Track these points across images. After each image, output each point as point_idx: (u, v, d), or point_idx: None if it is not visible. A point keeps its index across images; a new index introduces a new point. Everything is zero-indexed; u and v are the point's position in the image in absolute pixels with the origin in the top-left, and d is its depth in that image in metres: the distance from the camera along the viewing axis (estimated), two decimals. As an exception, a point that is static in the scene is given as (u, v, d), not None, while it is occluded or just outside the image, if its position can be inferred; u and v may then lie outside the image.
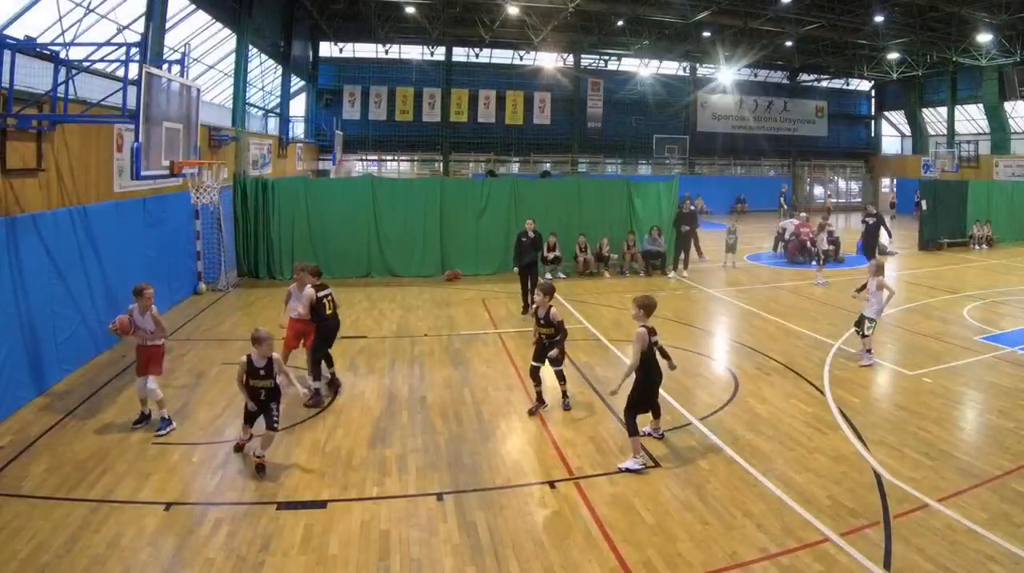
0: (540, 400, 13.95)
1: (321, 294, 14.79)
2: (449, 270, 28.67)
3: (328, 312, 14.84)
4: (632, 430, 11.45)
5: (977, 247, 39.41)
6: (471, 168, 63.41)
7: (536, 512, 10.10)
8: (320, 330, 14.82)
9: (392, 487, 10.77)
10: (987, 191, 42.43)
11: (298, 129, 51.84)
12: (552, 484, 10.90)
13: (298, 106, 54.80)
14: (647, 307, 12.00)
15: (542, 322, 13.79)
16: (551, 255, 28.02)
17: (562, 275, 28.88)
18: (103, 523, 9.56)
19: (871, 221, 32.05)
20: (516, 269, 23.21)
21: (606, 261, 29.57)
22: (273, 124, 46.12)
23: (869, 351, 17.27)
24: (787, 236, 35.22)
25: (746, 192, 63.59)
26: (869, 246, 31.72)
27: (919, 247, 38.44)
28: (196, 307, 23.08)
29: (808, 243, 33.62)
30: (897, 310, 23.17)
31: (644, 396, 11.70)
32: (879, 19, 47.15)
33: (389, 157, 61.85)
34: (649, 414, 12.19)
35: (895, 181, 70.92)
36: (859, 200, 73.85)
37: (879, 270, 17.55)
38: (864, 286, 17.74)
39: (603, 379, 15.97)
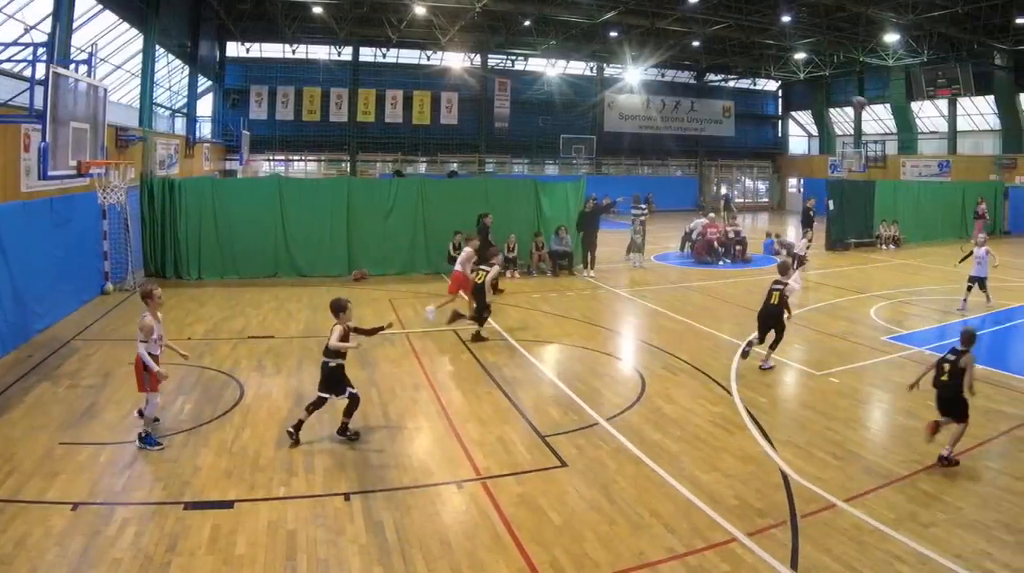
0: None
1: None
2: (356, 270, 28.51)
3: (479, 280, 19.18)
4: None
5: (884, 247, 40.15)
6: (378, 168, 63.36)
7: (443, 512, 10.06)
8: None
9: (299, 487, 10.67)
10: (894, 191, 43.25)
11: (205, 129, 51.58)
12: (459, 484, 10.87)
13: (205, 106, 54.48)
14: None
15: None
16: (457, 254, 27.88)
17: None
18: (10, 523, 9.37)
19: (812, 213, 34.43)
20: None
21: (513, 261, 29.58)
22: (180, 124, 45.82)
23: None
24: (694, 236, 35.54)
25: (653, 192, 64.05)
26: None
27: (826, 247, 39.01)
28: (103, 307, 22.70)
29: (715, 243, 34.04)
30: (805, 310, 23.49)
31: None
32: (786, 19, 47.94)
33: (296, 157, 61.61)
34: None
35: (802, 181, 72.12)
36: (766, 200, 75.04)
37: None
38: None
39: (511, 379, 16.02)
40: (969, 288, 23.96)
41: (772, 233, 39.15)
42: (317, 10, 48.96)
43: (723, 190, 70.98)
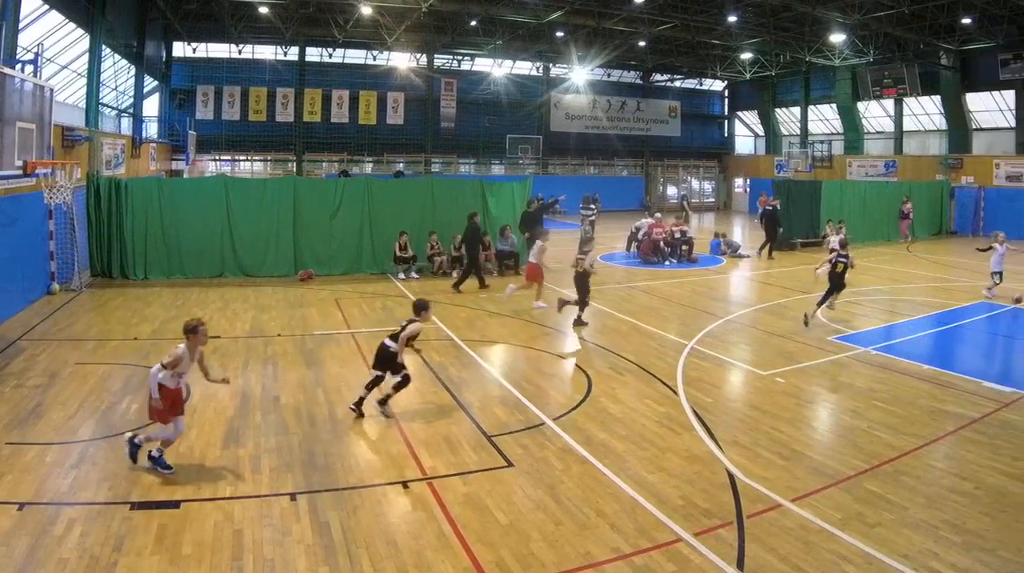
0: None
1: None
2: (303, 270, 28.51)
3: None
4: None
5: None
6: (324, 168, 63.06)
7: (389, 512, 10.03)
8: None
9: (245, 487, 10.62)
10: (840, 191, 43.60)
11: (151, 129, 51.18)
12: (405, 484, 10.83)
13: (151, 106, 54.02)
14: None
15: None
16: (404, 255, 28.34)
17: (415, 275, 28.97)
18: (-43, 523, 9.31)
19: (771, 208, 34.63)
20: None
21: (460, 261, 29.45)
22: (126, 124, 45.44)
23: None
24: (640, 236, 35.64)
25: (600, 192, 64.14)
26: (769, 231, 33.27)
27: (758, 251, 39.14)
28: (50, 307, 22.52)
29: (662, 243, 34.18)
30: (750, 310, 23.73)
31: None
32: (732, 19, 48.23)
33: (242, 157, 60.97)
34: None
35: (748, 181, 72.59)
36: (712, 200, 75.48)
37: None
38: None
39: (457, 380, 16.03)
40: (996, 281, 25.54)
41: (719, 233, 39.41)
42: (263, 10, 48.73)
43: (682, 190, 71.47)
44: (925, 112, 58.88)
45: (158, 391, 10.96)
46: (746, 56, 62.53)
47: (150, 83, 51.77)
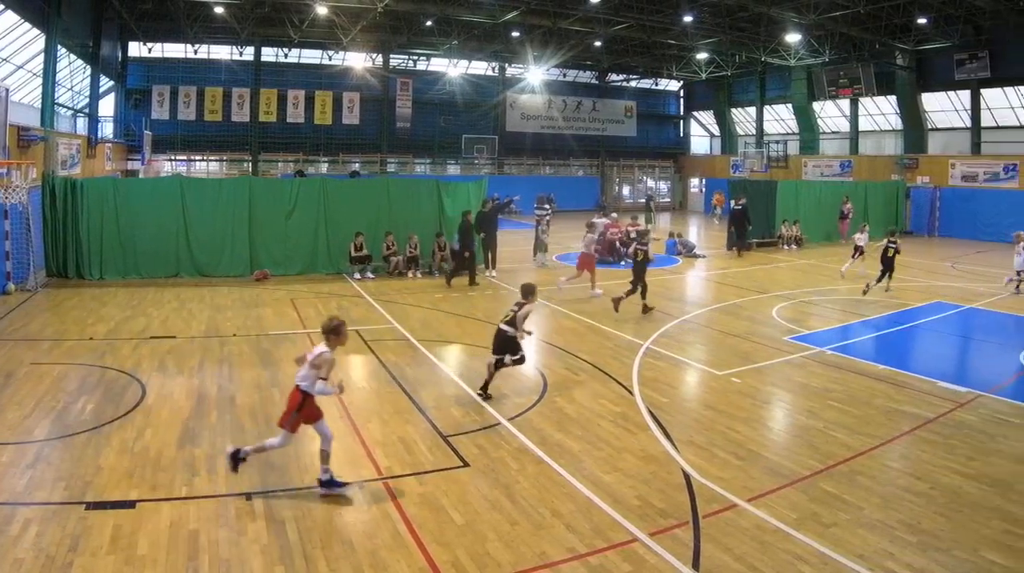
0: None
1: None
2: (258, 270, 28.53)
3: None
4: None
5: (786, 247, 40.75)
6: (280, 168, 63.01)
7: (345, 512, 10.00)
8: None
9: (201, 487, 10.59)
10: (796, 191, 43.86)
11: (107, 129, 51.19)
12: (361, 484, 10.81)
13: (107, 106, 53.82)
14: None
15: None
16: (359, 255, 28.40)
17: (371, 275, 28.97)
18: (-87, 523, 9.24)
19: (740, 207, 35.45)
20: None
21: (416, 261, 29.65)
22: (82, 124, 45.35)
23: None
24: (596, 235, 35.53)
25: (556, 192, 64.24)
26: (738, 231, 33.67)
27: (728, 247, 39.58)
28: (5, 307, 22.38)
29: (617, 243, 34.26)
30: (706, 310, 23.89)
31: None
32: (688, 19, 48.61)
33: (198, 157, 60.97)
34: None
35: (703, 181, 73.00)
36: (668, 200, 75.87)
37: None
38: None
39: (412, 379, 16.01)
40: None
41: (674, 233, 39.56)
42: (219, 10, 48.69)
43: (647, 190, 71.87)
44: (881, 112, 59.49)
45: (301, 399, 10.48)
46: (702, 56, 63.07)
47: (106, 83, 51.58)
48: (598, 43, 58.87)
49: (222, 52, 59.49)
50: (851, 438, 12.80)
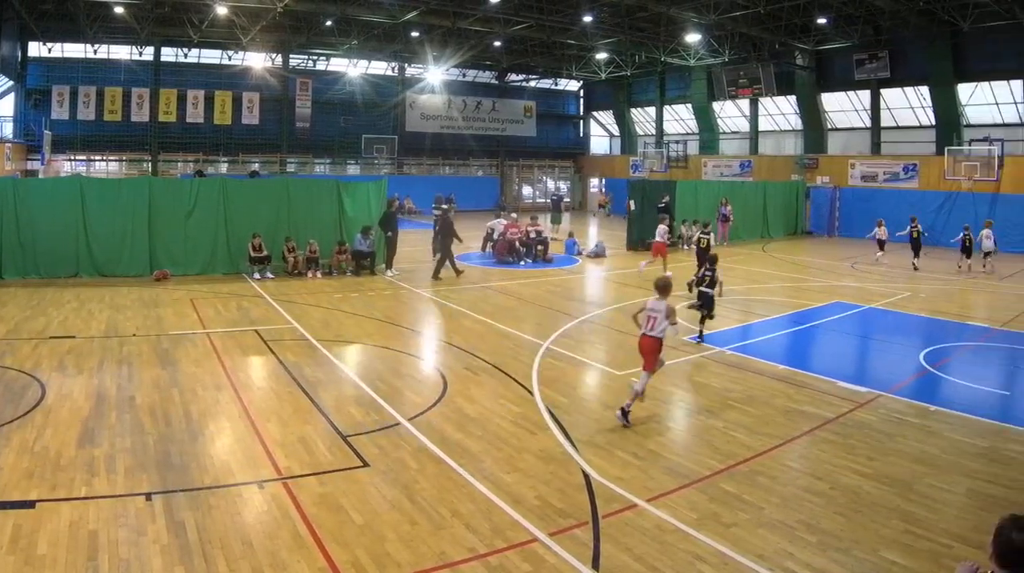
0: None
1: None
2: (158, 270, 28.32)
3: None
4: None
5: (686, 247, 40.85)
6: (180, 168, 62.39)
7: (245, 512, 9.94)
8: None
9: (101, 487, 10.45)
10: (695, 191, 44.34)
11: (6, 129, 51.14)
12: (261, 484, 10.76)
13: (7, 106, 53.83)
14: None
15: None
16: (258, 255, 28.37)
17: (270, 275, 28.89)
18: None
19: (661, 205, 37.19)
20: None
21: (316, 261, 29.61)
22: (-19, 125, 44.53)
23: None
24: (495, 236, 35.83)
25: (455, 192, 64.33)
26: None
27: (627, 247, 40.01)
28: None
29: (517, 243, 34.37)
30: (606, 310, 24.04)
31: None
32: (588, 19, 48.88)
33: (98, 157, 60.08)
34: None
35: (603, 181, 73.55)
36: (568, 200, 76.35)
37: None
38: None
39: (311, 379, 15.95)
40: None
41: (573, 233, 39.78)
42: (119, 10, 48.19)
43: (556, 191, 72.30)
44: (781, 112, 60.52)
45: (659, 345, 13.99)
46: (601, 56, 63.53)
47: (5, 83, 51.59)
48: (498, 43, 59.04)
49: (122, 52, 58.78)
50: (751, 438, 12.94)
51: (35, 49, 56.56)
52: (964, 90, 47.50)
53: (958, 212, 43.57)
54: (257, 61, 61.86)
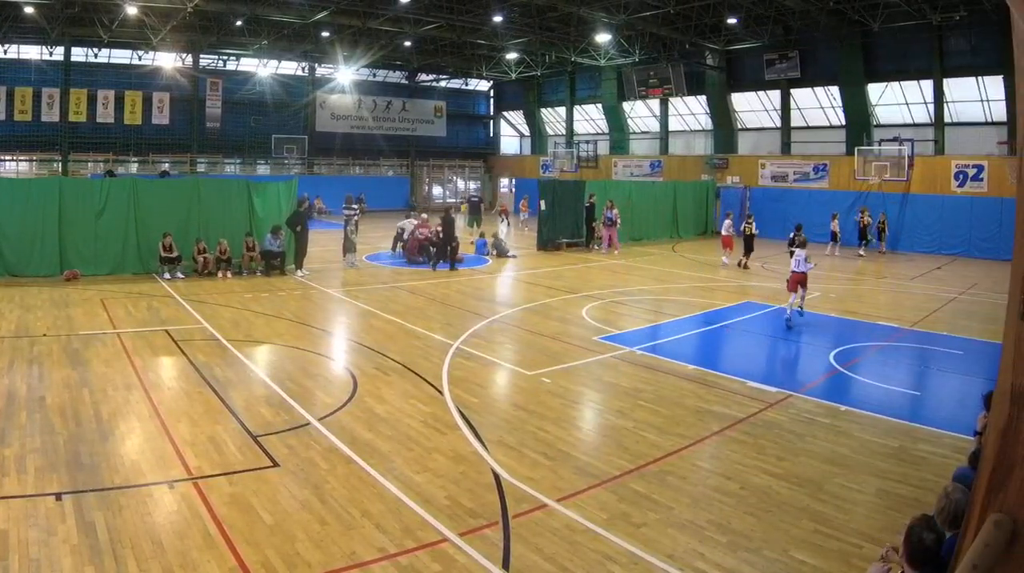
0: None
1: None
2: (68, 270, 27.97)
3: None
4: None
5: (596, 247, 41.20)
6: (90, 168, 61.43)
7: (155, 512, 9.85)
8: None
9: (10, 487, 10.32)
10: (604, 191, 44.18)
11: None
12: (171, 484, 10.67)
13: None
14: None
15: None
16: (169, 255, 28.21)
17: (180, 275, 28.64)
18: None
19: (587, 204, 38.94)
20: None
21: (227, 261, 29.38)
22: None
23: None
24: (405, 236, 35.75)
25: (366, 192, 64.15)
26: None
27: (538, 247, 40.13)
28: None
29: (427, 243, 34.37)
30: (516, 310, 24.08)
31: None
32: (498, 19, 48.89)
33: (8, 157, 59.07)
34: None
35: (513, 181, 73.75)
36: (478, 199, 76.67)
37: None
38: None
39: (222, 379, 15.85)
40: None
41: (484, 233, 39.85)
42: (29, 10, 47.36)
43: (475, 191, 72.47)
44: (691, 112, 61.05)
45: (804, 277, 22.25)
46: (512, 56, 63.62)
47: None
48: (408, 43, 58.93)
49: (32, 52, 57.88)
50: (661, 438, 13.03)
51: (-56, 50, 55.77)
52: (874, 90, 48.19)
53: (870, 212, 43.99)
54: (167, 61, 61.14)
